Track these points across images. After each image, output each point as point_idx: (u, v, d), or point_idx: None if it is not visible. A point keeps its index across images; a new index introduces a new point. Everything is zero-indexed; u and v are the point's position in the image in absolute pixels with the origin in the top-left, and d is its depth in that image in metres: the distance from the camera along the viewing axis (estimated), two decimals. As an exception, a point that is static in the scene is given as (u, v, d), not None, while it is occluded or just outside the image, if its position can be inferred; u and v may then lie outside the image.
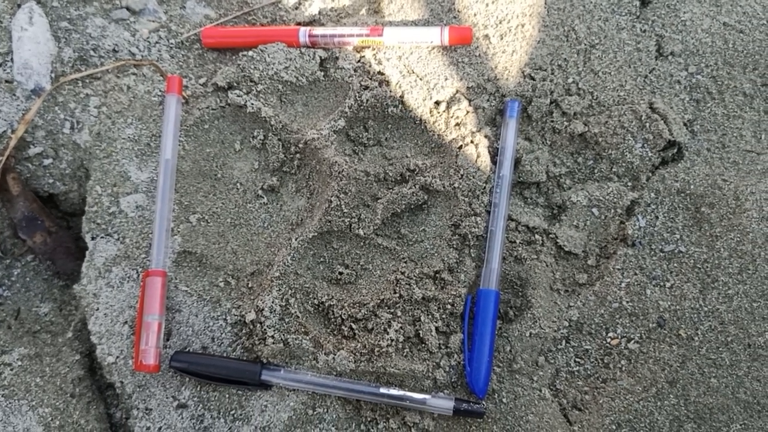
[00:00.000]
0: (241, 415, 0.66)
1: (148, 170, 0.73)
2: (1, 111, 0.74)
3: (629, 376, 0.65)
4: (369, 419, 0.66)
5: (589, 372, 0.66)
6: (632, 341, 0.66)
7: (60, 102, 0.75)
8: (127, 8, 0.79)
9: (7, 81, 0.75)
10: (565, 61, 0.74)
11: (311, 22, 0.78)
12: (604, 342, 0.67)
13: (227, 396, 0.67)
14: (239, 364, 0.66)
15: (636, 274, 0.67)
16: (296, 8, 0.79)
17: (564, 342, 0.67)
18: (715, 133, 0.73)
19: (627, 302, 0.67)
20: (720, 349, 0.65)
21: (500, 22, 0.74)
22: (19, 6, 0.77)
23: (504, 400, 0.65)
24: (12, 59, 0.75)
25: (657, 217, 0.69)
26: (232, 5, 0.80)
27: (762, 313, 0.64)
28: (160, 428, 0.66)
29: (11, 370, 0.68)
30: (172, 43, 0.78)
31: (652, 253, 0.68)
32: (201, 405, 0.67)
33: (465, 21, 0.74)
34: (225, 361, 0.67)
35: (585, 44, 0.74)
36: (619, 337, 0.66)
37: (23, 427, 0.66)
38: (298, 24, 0.77)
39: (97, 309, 0.68)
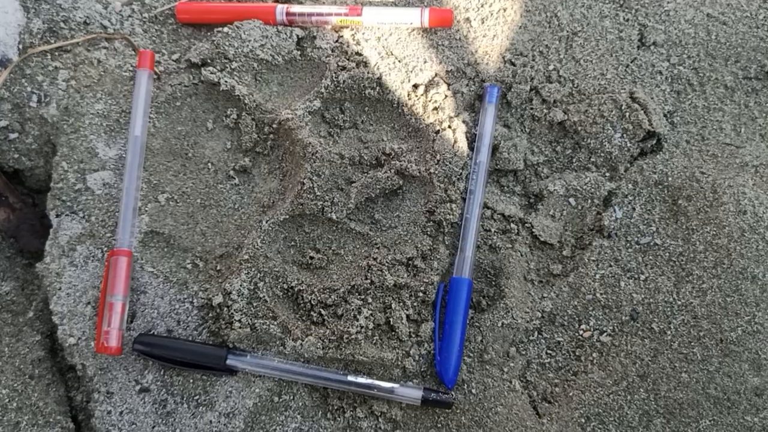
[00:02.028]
0: (205, 400, 0.65)
1: (117, 147, 0.71)
2: (-35, 82, 0.72)
3: (600, 369, 0.64)
4: (336, 407, 0.65)
5: (560, 364, 0.66)
6: (604, 334, 0.65)
7: (27, 74, 0.72)
8: (100, -20, 0.76)
9: (-28, 52, 0.73)
10: (547, 47, 0.73)
11: (289, 0, 0.76)
12: (577, 334, 0.66)
13: (191, 381, 0.65)
14: (204, 349, 0.65)
15: (611, 266, 0.67)
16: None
17: (536, 333, 0.66)
18: (695, 125, 0.72)
19: (601, 294, 0.66)
20: (692, 343, 0.64)
21: (482, 6, 0.72)
22: (-14, -26, 0.74)
23: (473, 390, 0.64)
24: (-22, 29, 0.73)
25: (634, 209, 0.68)
26: (208, -20, 0.78)
27: (735, 309, 0.64)
28: (121, 412, 0.65)
29: (-31, 348, 0.66)
30: (145, 18, 0.76)
31: (628, 245, 0.67)
32: (164, 389, 0.65)
33: (446, 4, 0.72)
34: (190, 345, 0.65)
35: (567, 31, 0.73)
36: (592, 329, 0.66)
37: (-20, 407, 0.64)
38: (276, 1, 0.75)
39: (60, 288, 0.66)
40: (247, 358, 0.64)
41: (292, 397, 0.65)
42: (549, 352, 0.66)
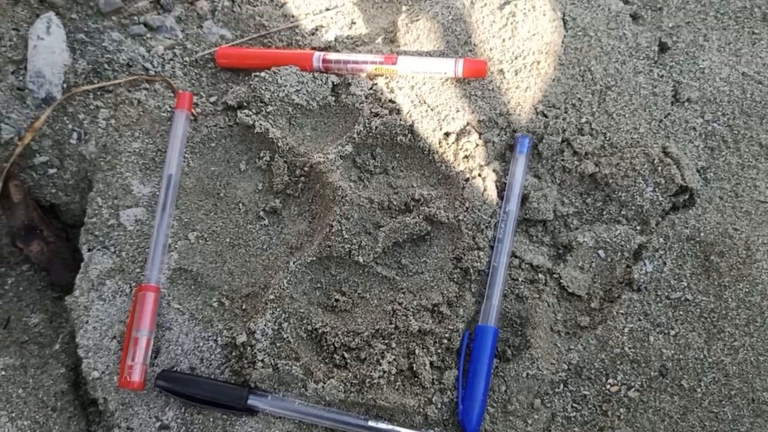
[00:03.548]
0: (224, 440, 0.64)
1: (151, 185, 0.72)
2: (11, 118, 0.74)
3: (627, 425, 0.63)
4: (356, 453, 0.64)
5: (586, 419, 0.64)
6: (632, 389, 0.64)
7: (69, 112, 0.74)
8: (145, 24, 0.79)
9: (18, 88, 0.75)
10: (580, 100, 0.73)
11: (326, 48, 0.78)
12: (604, 388, 0.64)
13: (212, 420, 0.65)
14: (226, 388, 0.64)
15: (640, 320, 0.65)
16: (313, 34, 0.79)
17: (562, 385, 0.65)
18: (728, 182, 0.71)
19: (629, 348, 0.65)
20: (723, 402, 0.62)
21: (516, 58, 0.73)
22: (38, 16, 0.77)
23: (496, 442, 0.63)
24: (26, 67, 0.76)
25: (665, 263, 0.67)
26: (249, 27, 0.80)
27: (767, 368, 0.62)
28: (140, 448, 0.64)
29: (-5, 378, 0.67)
30: (186, 61, 0.78)
31: (658, 299, 0.66)
32: (184, 427, 0.65)
33: (480, 55, 0.73)
34: (212, 384, 0.65)
35: (600, 85, 0.74)
36: (619, 384, 0.64)
37: (2, 438, 0.64)
38: (313, 49, 0.77)
39: (87, 322, 0.67)
40: (268, 398, 0.64)
41: (311, 441, 0.64)
42: (575, 405, 0.64)
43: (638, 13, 0.83)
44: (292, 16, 0.81)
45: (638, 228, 0.69)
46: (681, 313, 0.65)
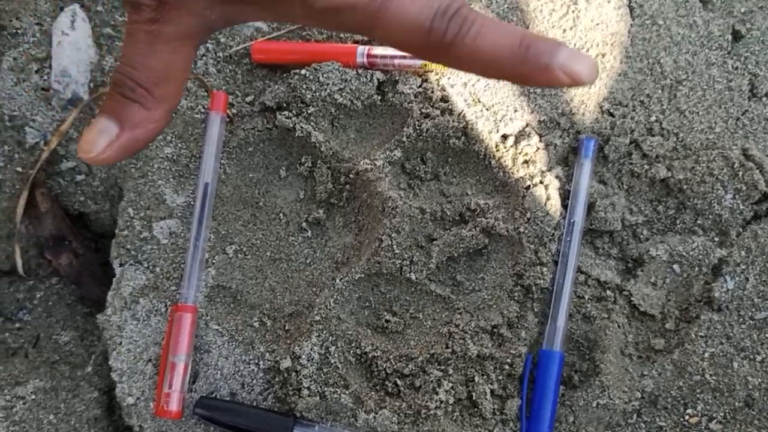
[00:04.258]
0: (268, 472, 0.60)
1: (185, 194, 0.67)
2: (36, 121, 0.70)
3: (709, 460, 0.57)
4: (411, 488, 0.59)
5: (662, 452, 0.59)
6: (714, 421, 0.58)
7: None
8: (175, 17, 0.73)
9: (43, 89, 0.71)
10: (648, 97, 0.67)
11: (370, 41, 0.72)
12: (682, 419, 0.59)
13: (255, 449, 0.60)
14: (269, 416, 0.60)
15: (722, 343, 0.60)
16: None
17: (635, 416, 0.60)
18: (816, 187, 0.65)
19: (710, 375, 0.59)
20: (818, 438, 0.57)
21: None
22: (62, 9, 0.72)
23: (564, 477, 0.58)
24: (50, 65, 0.71)
25: (747, 279, 0.61)
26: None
27: None
28: (179, 480, 0.60)
29: (24, 403, 0.63)
30: (219, 57, 0.72)
31: (741, 320, 0.60)
32: (225, 457, 0.60)
33: (539, 48, 0.67)
34: (254, 412, 0.60)
35: (671, 79, 0.67)
36: (700, 415, 0.59)
37: (32, 467, 0.60)
38: (356, 43, 0.71)
39: (120, 343, 0.63)
40: (315, 429, 0.59)
41: (362, 474, 0.59)
42: (649, 437, 0.59)
43: (708, -2, 0.76)
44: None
45: (717, 240, 0.63)
46: (767, 335, 0.59)
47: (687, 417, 0.59)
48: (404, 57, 0.67)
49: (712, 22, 0.71)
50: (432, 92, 0.67)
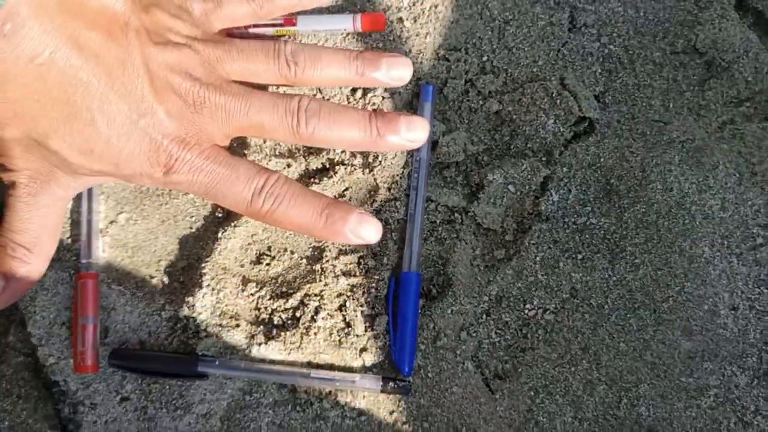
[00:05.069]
0: (182, 404, 0.70)
1: (75, 171, 0.74)
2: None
3: (546, 344, 0.69)
4: (304, 401, 0.70)
5: (509, 343, 0.70)
6: (548, 312, 0.70)
7: None
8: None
9: None
10: (480, 39, 0.75)
11: (228, 11, 0.79)
12: (522, 313, 0.70)
13: (168, 387, 0.70)
14: (176, 358, 0.69)
15: (550, 247, 0.71)
16: None
17: (485, 316, 0.71)
18: (625, 104, 0.75)
19: (542, 275, 0.70)
20: (628, 315, 0.69)
21: (413, 4, 0.75)
22: None
23: (429, 374, 0.69)
24: None
25: (570, 191, 0.72)
26: None
27: (666, 281, 0.68)
28: (106, 421, 0.70)
29: (-44, 375, 0.71)
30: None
31: (566, 226, 0.71)
32: (143, 397, 0.70)
33: (378, 5, 0.75)
34: (162, 356, 0.70)
35: (499, 21, 0.76)
36: (536, 308, 0.70)
37: (-28, 428, 0.69)
38: (215, 14, 0.78)
39: (35, 312, 0.70)
40: (216, 363, 0.69)
41: (262, 395, 0.70)
42: (498, 332, 0.70)
43: (532, -63, 0.84)
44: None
45: (543, 160, 0.74)
46: (587, 237, 0.71)
47: (526, 311, 0.70)
48: (257, 26, 0.74)
49: (535, -38, 0.79)
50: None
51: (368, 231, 0.58)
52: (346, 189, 0.72)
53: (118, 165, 0.56)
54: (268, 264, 0.72)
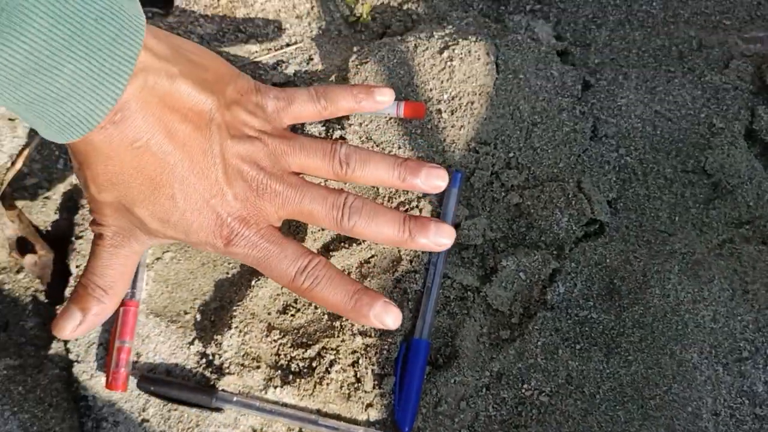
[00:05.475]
0: (196, 433, 0.76)
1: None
2: (3, 145, 0.83)
3: (538, 424, 0.74)
4: (308, 445, 0.75)
5: (504, 418, 0.76)
6: (543, 394, 0.75)
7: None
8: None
9: (10, 118, 0.84)
10: (508, 137, 0.83)
11: (286, 83, 0.87)
12: (520, 392, 0.76)
13: (186, 416, 0.76)
14: (197, 389, 0.75)
15: (551, 334, 0.77)
16: (274, 68, 0.88)
17: (485, 390, 0.76)
18: (634, 212, 0.82)
19: (541, 359, 0.76)
20: (617, 407, 0.74)
21: (452, 99, 0.83)
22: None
23: (426, 437, 0.75)
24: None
25: (575, 285, 0.78)
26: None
27: (655, 380, 0.74)
28: (125, 440, 0.76)
29: (-3, 378, 0.77)
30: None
31: (568, 317, 0.77)
32: (163, 422, 0.76)
33: (421, 96, 0.83)
34: (185, 386, 0.76)
35: (527, 122, 0.84)
36: (533, 389, 0.76)
37: (5, 429, 0.75)
38: (274, 85, 0.86)
39: (77, 331, 0.77)
40: (233, 400, 0.75)
41: (270, 435, 0.76)
42: (495, 406, 0.76)
43: (568, 50, 0.93)
44: (255, 52, 0.90)
45: (554, 253, 0.80)
46: (586, 329, 0.77)
47: (523, 390, 0.76)
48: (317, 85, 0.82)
49: (567, 74, 0.88)
50: (332, 131, 0.82)
51: (389, 318, 0.67)
52: (372, 256, 0.79)
53: (188, 233, 0.65)
54: (292, 315, 0.78)
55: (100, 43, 0.53)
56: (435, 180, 0.71)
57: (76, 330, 0.67)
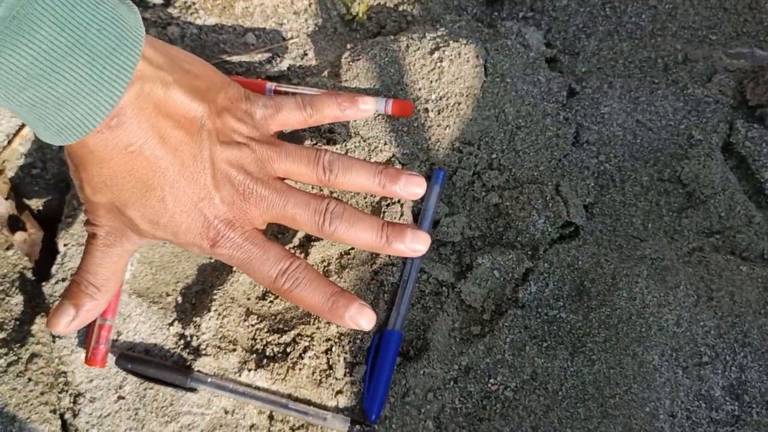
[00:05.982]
0: (170, 412, 0.78)
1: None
2: (0, 124, 0.86)
3: (501, 418, 0.77)
4: (278, 429, 0.77)
5: (469, 410, 0.78)
6: (508, 389, 0.77)
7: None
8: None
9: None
10: (492, 138, 0.85)
11: (279, 76, 0.90)
12: (486, 386, 0.78)
13: (161, 395, 0.78)
14: (173, 369, 0.78)
15: (520, 332, 0.79)
16: (269, 62, 0.91)
17: (452, 383, 0.78)
18: (609, 217, 0.84)
19: (509, 355, 0.78)
20: (578, 404, 0.76)
21: (440, 99, 0.85)
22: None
23: (393, 426, 0.77)
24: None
25: (547, 285, 0.81)
26: (213, 53, 0.91)
27: (616, 379, 0.76)
28: (100, 415, 0.78)
29: (-20, 351, 0.80)
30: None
31: (538, 315, 0.79)
32: (138, 400, 0.78)
33: (410, 94, 0.85)
34: (162, 365, 0.78)
35: (512, 125, 0.86)
36: (498, 384, 0.78)
37: (-15, 401, 0.77)
38: (267, 78, 0.89)
39: (61, 307, 0.80)
40: (207, 380, 0.77)
41: (242, 417, 0.78)
42: (461, 399, 0.78)
43: (557, 57, 0.95)
44: (252, 45, 0.92)
45: (529, 253, 0.82)
46: (554, 328, 0.79)
47: (489, 385, 0.78)
48: (304, 93, 0.84)
49: (554, 81, 0.90)
50: (321, 125, 0.84)
51: (363, 320, 0.70)
52: (352, 248, 0.81)
53: (176, 234, 0.68)
54: (271, 301, 0.80)
55: (101, 51, 0.56)
56: (413, 187, 0.74)
57: (70, 325, 0.70)
